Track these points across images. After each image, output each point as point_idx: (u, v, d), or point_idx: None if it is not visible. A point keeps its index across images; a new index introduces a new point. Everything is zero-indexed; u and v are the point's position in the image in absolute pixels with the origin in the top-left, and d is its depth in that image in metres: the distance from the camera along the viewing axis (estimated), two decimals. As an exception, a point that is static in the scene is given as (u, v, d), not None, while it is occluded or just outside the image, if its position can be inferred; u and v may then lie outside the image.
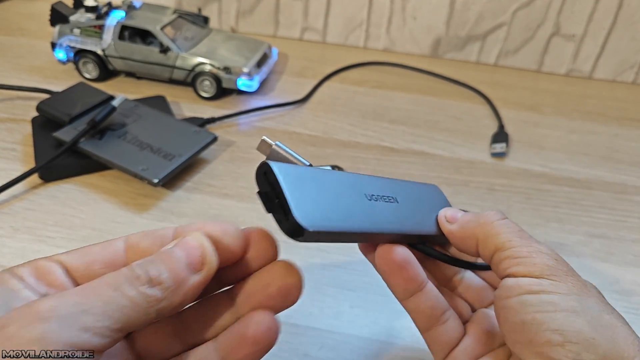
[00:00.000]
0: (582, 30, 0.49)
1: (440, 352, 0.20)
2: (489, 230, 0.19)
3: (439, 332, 0.20)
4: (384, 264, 0.19)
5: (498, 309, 0.19)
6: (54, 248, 0.30)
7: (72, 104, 0.37)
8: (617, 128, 0.45)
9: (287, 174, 0.17)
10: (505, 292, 0.18)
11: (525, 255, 0.18)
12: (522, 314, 0.17)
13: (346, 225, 0.17)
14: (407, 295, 0.20)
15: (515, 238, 0.19)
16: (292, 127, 0.42)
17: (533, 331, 0.17)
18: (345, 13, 0.53)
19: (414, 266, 0.19)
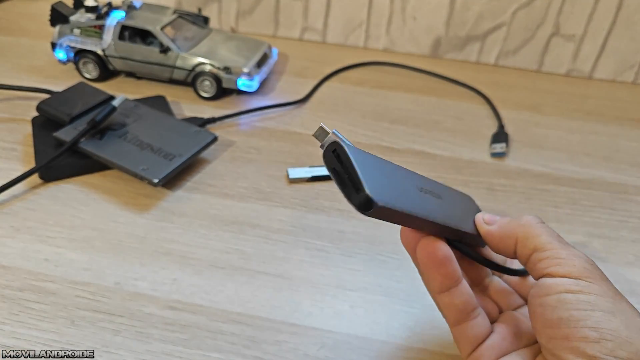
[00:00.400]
0: (582, 31, 0.49)
1: (468, 346, 0.21)
2: (529, 231, 0.21)
3: (468, 327, 0.21)
4: (425, 257, 0.20)
5: (534, 306, 0.20)
6: (55, 248, 0.30)
7: (73, 104, 0.38)
8: (617, 128, 0.45)
9: (356, 153, 0.18)
10: (544, 290, 0.19)
11: (564, 257, 0.20)
12: (560, 310, 0.18)
13: (407, 207, 0.18)
14: (443, 289, 0.21)
15: (554, 241, 0.20)
16: (292, 127, 0.42)
17: (570, 327, 0.18)
18: (345, 13, 0.53)
19: (453, 263, 0.20)
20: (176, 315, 0.27)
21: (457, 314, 0.21)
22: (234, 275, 0.29)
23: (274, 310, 0.28)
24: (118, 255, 0.30)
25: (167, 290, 0.28)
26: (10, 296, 0.27)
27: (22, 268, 0.29)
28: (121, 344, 0.25)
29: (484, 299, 0.23)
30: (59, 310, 0.27)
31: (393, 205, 0.17)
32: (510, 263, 0.24)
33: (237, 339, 0.26)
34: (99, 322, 0.26)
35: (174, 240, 0.31)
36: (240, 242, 0.31)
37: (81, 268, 0.29)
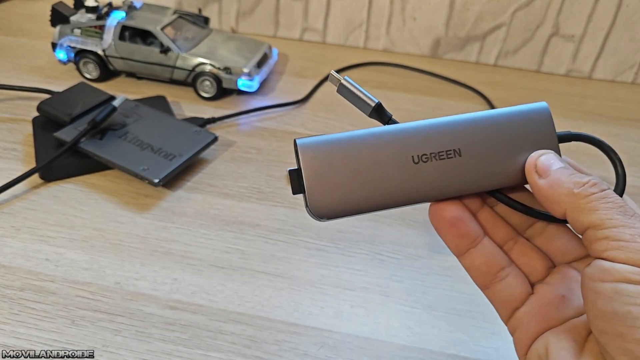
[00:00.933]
0: (582, 31, 0.50)
1: (503, 310, 0.19)
2: (582, 204, 0.17)
3: (497, 289, 0.19)
4: (434, 221, 0.19)
5: (586, 289, 0.17)
6: (55, 248, 0.30)
7: (73, 104, 0.38)
8: (616, 128, 0.45)
9: (313, 155, 0.17)
10: (599, 275, 0.16)
11: (627, 239, 0.16)
12: (616, 303, 0.16)
13: (368, 205, 0.17)
14: (461, 251, 0.19)
15: (617, 216, 0.17)
16: (292, 127, 0.42)
17: (627, 325, 0.15)
18: (345, 14, 0.53)
19: (465, 223, 0.19)
20: (176, 315, 0.27)
21: (481, 276, 0.19)
22: (234, 275, 0.29)
23: (274, 309, 0.28)
24: (118, 255, 0.30)
25: (167, 290, 0.28)
26: (11, 296, 0.27)
27: (23, 268, 0.29)
28: (121, 343, 0.25)
29: (529, 253, 0.20)
30: (59, 310, 0.27)
31: (346, 212, 0.17)
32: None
33: (237, 339, 0.26)
34: (99, 321, 0.26)
35: (175, 240, 0.31)
36: (240, 241, 0.31)
37: (81, 268, 0.29)
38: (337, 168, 0.17)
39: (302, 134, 0.42)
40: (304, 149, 0.17)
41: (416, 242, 0.32)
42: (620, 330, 0.15)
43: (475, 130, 0.19)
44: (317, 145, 0.17)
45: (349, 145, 0.18)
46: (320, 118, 0.44)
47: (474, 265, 0.19)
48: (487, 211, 0.20)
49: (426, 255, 0.31)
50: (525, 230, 0.20)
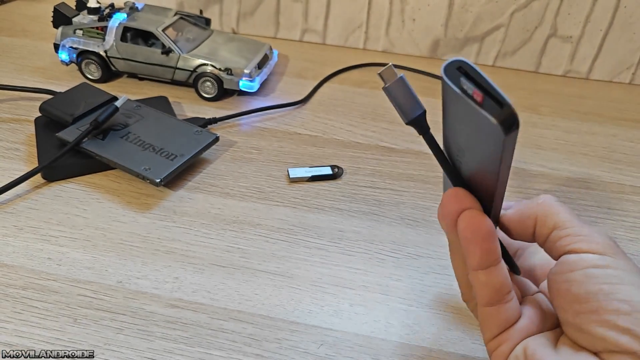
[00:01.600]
0: (579, 32, 0.50)
1: (495, 329, 0.20)
2: (548, 209, 0.20)
3: (501, 310, 0.20)
4: (469, 230, 0.19)
5: (558, 283, 0.19)
6: (57, 247, 0.30)
7: (75, 105, 0.38)
8: (614, 128, 0.45)
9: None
10: (569, 266, 0.19)
11: (586, 234, 0.19)
12: (588, 285, 0.18)
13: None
14: (482, 266, 0.20)
15: (573, 218, 0.20)
16: (292, 127, 0.42)
17: (600, 300, 0.18)
18: (345, 15, 0.53)
19: (496, 239, 0.20)
20: (178, 313, 0.27)
21: (492, 295, 0.20)
22: (235, 274, 0.30)
23: (274, 308, 0.28)
24: (120, 254, 0.30)
25: (168, 289, 0.28)
26: (14, 295, 0.28)
27: (25, 267, 0.29)
28: (123, 342, 0.26)
29: (515, 279, 0.22)
30: (61, 309, 0.27)
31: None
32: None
33: (238, 337, 0.26)
34: (101, 320, 0.27)
35: (176, 239, 0.31)
36: (241, 241, 0.32)
37: (84, 267, 0.29)
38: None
39: (303, 134, 0.42)
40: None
41: (415, 241, 0.32)
42: (595, 306, 0.18)
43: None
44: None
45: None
46: (320, 118, 0.44)
47: (491, 282, 0.20)
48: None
49: (425, 254, 0.31)
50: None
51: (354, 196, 0.36)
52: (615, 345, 0.17)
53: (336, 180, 0.37)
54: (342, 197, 0.36)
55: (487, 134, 0.17)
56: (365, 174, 0.38)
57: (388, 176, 0.38)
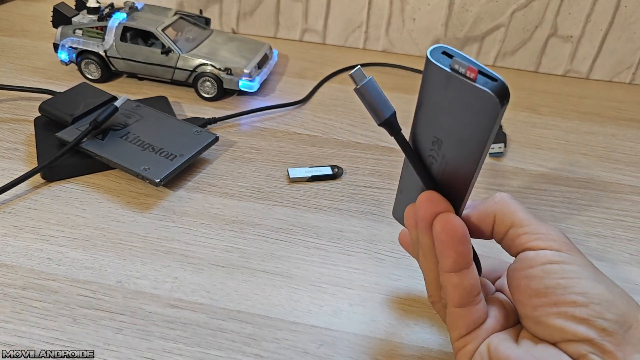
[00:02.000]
0: (580, 32, 0.50)
1: (464, 330, 0.21)
2: (506, 207, 0.21)
3: (471, 311, 0.21)
4: (444, 233, 0.20)
5: (518, 279, 0.20)
6: (57, 247, 0.30)
7: (75, 105, 0.38)
8: (614, 128, 0.45)
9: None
10: (527, 263, 0.20)
11: (543, 231, 0.20)
12: (546, 279, 0.19)
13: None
14: (457, 269, 0.20)
15: (530, 217, 0.21)
16: (292, 127, 0.42)
17: (558, 294, 0.19)
18: (345, 15, 0.53)
19: (469, 242, 0.20)
20: (177, 313, 0.27)
21: (463, 296, 0.20)
22: (234, 274, 0.30)
23: (273, 308, 0.28)
24: (120, 254, 0.30)
25: (168, 289, 0.28)
26: (13, 294, 0.28)
27: (25, 267, 0.29)
28: (123, 341, 0.26)
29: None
30: (61, 309, 0.27)
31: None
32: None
33: (237, 337, 0.26)
34: (100, 320, 0.27)
35: (175, 239, 0.31)
36: (240, 241, 0.32)
37: (83, 267, 0.29)
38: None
39: (302, 134, 0.42)
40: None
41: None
42: (554, 299, 0.19)
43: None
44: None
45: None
46: (320, 118, 0.44)
47: (463, 284, 0.20)
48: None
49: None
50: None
51: (353, 196, 0.36)
52: (573, 334, 0.18)
53: (336, 180, 0.37)
54: (342, 197, 0.36)
55: (479, 110, 0.17)
56: (365, 174, 0.38)
57: (387, 176, 0.38)
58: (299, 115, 0.44)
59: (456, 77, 0.17)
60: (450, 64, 0.18)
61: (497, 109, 0.17)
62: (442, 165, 0.20)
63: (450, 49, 0.18)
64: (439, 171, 0.20)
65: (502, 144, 0.41)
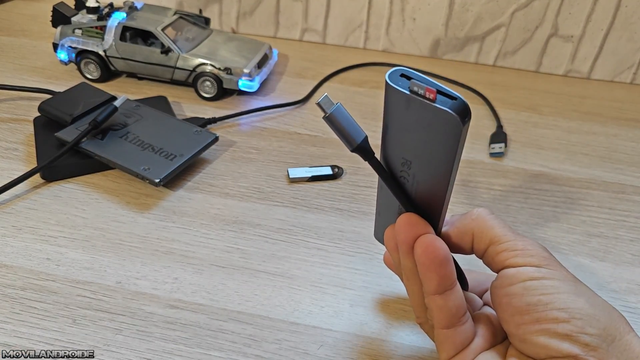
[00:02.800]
0: (580, 31, 0.50)
1: (452, 351, 0.21)
2: (483, 224, 0.21)
3: (458, 332, 0.21)
4: (426, 256, 0.19)
5: (500, 296, 0.20)
6: (56, 247, 0.30)
7: (74, 104, 0.38)
8: (615, 128, 0.45)
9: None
10: (508, 280, 0.20)
11: (521, 247, 0.20)
12: (527, 296, 0.19)
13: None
14: (440, 291, 0.20)
15: (508, 233, 0.21)
16: (292, 127, 0.42)
17: (539, 310, 0.19)
18: (345, 14, 0.53)
19: (452, 263, 0.20)
20: (177, 314, 0.27)
21: (449, 318, 0.20)
22: (234, 274, 0.29)
23: (274, 309, 0.28)
24: (119, 254, 0.30)
25: (168, 289, 0.28)
26: (12, 295, 0.27)
27: (24, 267, 0.29)
28: (122, 342, 0.26)
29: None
30: (60, 309, 0.27)
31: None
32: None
33: (237, 338, 0.26)
34: (100, 321, 0.27)
35: (175, 239, 0.31)
36: (240, 241, 0.32)
37: (83, 267, 0.29)
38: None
39: (302, 134, 0.42)
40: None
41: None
42: (536, 316, 0.19)
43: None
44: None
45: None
46: (320, 118, 0.44)
47: (448, 305, 0.20)
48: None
49: (426, 255, 0.31)
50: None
51: (354, 196, 0.36)
52: (557, 351, 0.18)
53: (336, 180, 0.37)
54: (342, 197, 0.35)
55: (442, 130, 0.17)
56: (365, 174, 0.38)
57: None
58: (299, 115, 0.44)
59: (416, 99, 0.17)
60: (409, 86, 0.18)
61: (459, 127, 0.17)
62: (414, 185, 0.20)
63: (409, 71, 0.18)
64: (412, 191, 0.20)
65: (503, 143, 0.41)
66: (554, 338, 0.18)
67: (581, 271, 0.31)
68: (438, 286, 0.20)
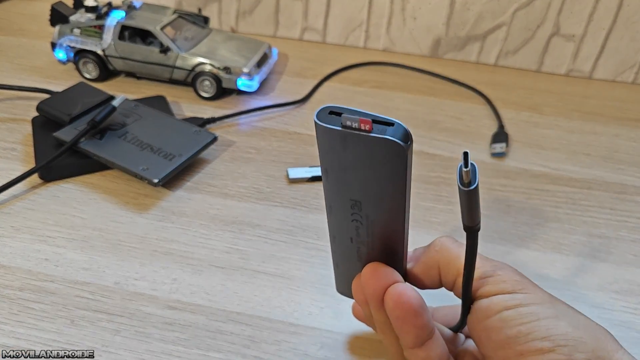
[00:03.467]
0: (582, 31, 0.50)
1: None
2: (447, 255, 0.19)
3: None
4: (399, 308, 0.18)
5: (478, 331, 0.18)
6: (55, 248, 0.30)
7: (73, 104, 0.38)
8: (617, 128, 0.45)
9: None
10: (483, 313, 0.18)
11: (490, 274, 0.18)
12: (506, 329, 0.17)
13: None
14: (419, 343, 0.18)
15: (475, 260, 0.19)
16: (292, 127, 0.42)
17: (521, 343, 0.17)
18: (345, 13, 0.53)
19: (426, 311, 0.18)
20: (176, 315, 0.27)
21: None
22: (233, 275, 0.29)
23: (273, 310, 0.28)
24: (118, 255, 0.30)
25: (166, 290, 0.28)
26: (10, 296, 0.27)
27: (22, 268, 0.29)
28: (121, 343, 0.25)
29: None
30: (58, 310, 0.27)
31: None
32: None
33: (236, 339, 0.26)
34: (98, 321, 0.26)
35: (174, 240, 0.31)
36: (240, 241, 0.31)
37: (81, 268, 0.29)
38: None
39: (302, 134, 0.42)
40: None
41: (416, 242, 0.32)
42: (518, 350, 0.17)
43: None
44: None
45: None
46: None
47: (430, 356, 0.18)
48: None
49: (426, 256, 0.31)
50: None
51: (354, 196, 0.35)
52: None
53: (336, 180, 0.37)
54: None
55: (386, 159, 0.16)
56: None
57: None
58: (299, 114, 0.44)
59: (351, 134, 0.16)
60: (341, 121, 0.16)
61: (404, 152, 0.16)
62: (369, 226, 0.19)
63: (337, 106, 0.17)
64: (369, 232, 0.19)
65: (504, 143, 0.41)
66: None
67: (582, 272, 0.31)
68: (416, 338, 0.18)
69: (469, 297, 0.19)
